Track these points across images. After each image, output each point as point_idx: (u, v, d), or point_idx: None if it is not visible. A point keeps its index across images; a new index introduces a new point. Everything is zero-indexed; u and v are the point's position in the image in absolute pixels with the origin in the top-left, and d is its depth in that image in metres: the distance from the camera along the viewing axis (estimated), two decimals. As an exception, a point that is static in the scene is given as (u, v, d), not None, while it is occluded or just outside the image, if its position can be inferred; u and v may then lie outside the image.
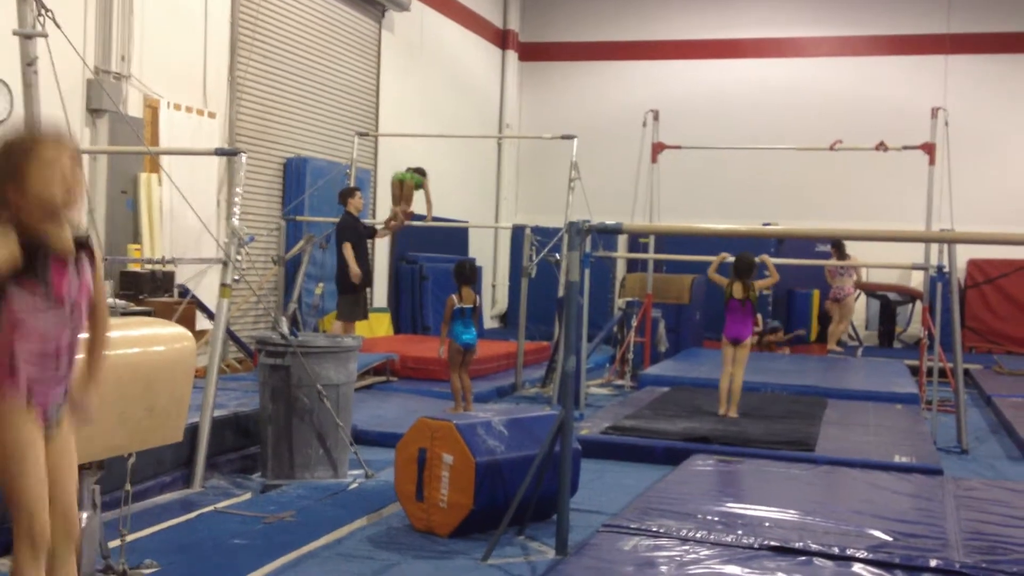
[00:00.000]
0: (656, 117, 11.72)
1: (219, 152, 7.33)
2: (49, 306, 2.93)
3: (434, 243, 14.36)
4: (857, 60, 17.05)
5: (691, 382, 10.14)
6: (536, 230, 10.95)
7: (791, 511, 5.07)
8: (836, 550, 4.44)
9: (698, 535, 4.64)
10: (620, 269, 15.39)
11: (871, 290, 15.95)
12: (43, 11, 4.81)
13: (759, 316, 14.20)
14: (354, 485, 5.93)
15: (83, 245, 3.04)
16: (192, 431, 5.63)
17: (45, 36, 4.85)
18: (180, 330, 4.28)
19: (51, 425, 3.00)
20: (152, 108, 9.53)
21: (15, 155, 2.89)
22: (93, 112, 8.69)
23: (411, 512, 5.14)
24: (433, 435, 5.09)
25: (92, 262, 3.08)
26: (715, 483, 5.73)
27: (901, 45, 16.86)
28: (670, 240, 14.24)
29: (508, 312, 17.44)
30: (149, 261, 8.64)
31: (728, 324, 8.30)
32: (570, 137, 10.89)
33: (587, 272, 9.39)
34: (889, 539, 4.65)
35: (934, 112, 10.64)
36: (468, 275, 8.19)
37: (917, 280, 14.97)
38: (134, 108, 9.27)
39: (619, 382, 11.20)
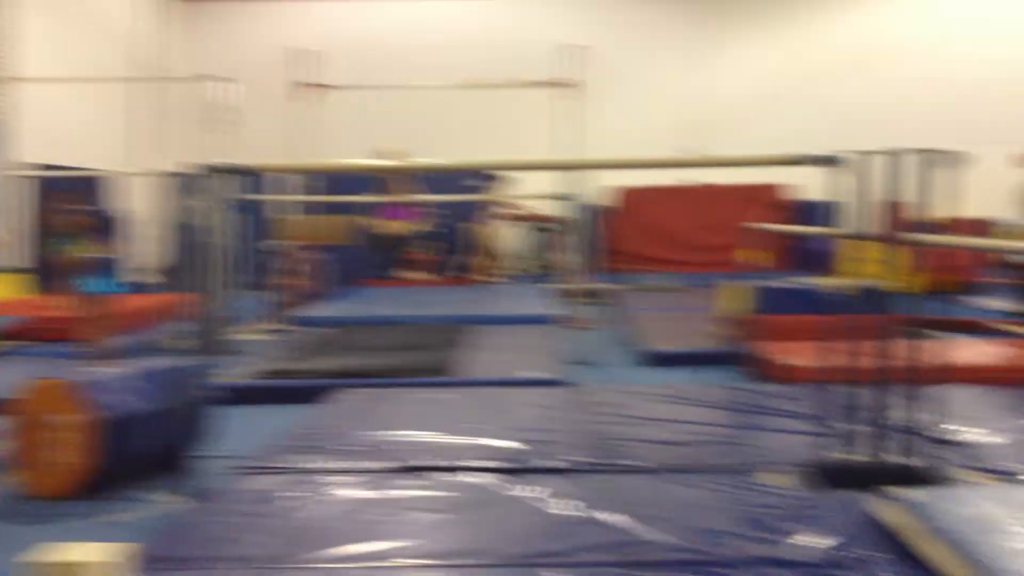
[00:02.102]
0: (309, 58, 11.47)
1: None
2: None
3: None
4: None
5: (347, 321, 10.17)
6: (183, 176, 10.44)
7: (426, 433, 5.23)
8: (474, 464, 4.63)
9: (332, 465, 4.66)
10: (276, 213, 15.05)
11: (525, 220, 16.66)
12: None
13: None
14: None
15: None
16: None
17: None
18: None
19: None
20: None
21: None
22: None
23: (24, 478, 4.78)
24: (48, 395, 4.75)
25: None
26: (352, 415, 5.76)
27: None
28: (329, 182, 14.09)
29: (161, 264, 16.60)
30: None
31: None
32: (219, 79, 10.42)
33: (240, 217, 9.07)
34: (517, 447, 4.92)
35: (570, 48, 11.16)
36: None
37: (569, 210, 15.81)
38: None
39: (275, 327, 11.00)
